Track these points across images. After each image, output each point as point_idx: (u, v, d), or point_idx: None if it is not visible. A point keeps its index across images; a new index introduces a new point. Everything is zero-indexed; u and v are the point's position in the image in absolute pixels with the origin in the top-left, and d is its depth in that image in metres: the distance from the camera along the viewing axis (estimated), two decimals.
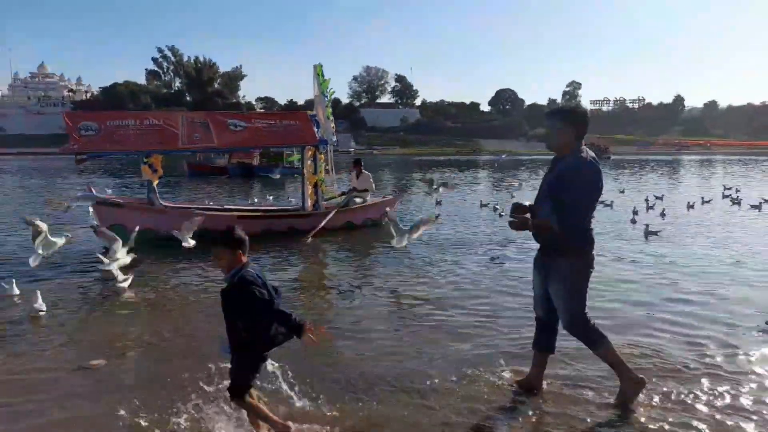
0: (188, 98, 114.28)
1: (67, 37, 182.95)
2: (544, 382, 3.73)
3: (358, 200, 10.78)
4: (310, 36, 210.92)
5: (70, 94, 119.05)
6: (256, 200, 15.07)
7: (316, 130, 10.39)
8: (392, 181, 27.40)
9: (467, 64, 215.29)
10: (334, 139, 10.77)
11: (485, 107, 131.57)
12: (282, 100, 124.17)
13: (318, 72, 10.50)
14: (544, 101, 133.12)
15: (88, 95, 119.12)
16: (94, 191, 9.56)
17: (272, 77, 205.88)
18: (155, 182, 9.58)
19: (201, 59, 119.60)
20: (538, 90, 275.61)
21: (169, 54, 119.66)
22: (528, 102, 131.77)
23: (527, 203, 3.56)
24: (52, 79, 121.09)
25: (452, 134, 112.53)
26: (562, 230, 3.26)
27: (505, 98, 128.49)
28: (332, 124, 10.61)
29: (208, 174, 29.33)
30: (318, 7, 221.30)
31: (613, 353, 3.50)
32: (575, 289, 3.39)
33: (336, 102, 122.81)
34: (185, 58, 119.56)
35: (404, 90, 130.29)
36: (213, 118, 9.80)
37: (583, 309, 3.44)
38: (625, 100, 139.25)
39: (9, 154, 78.83)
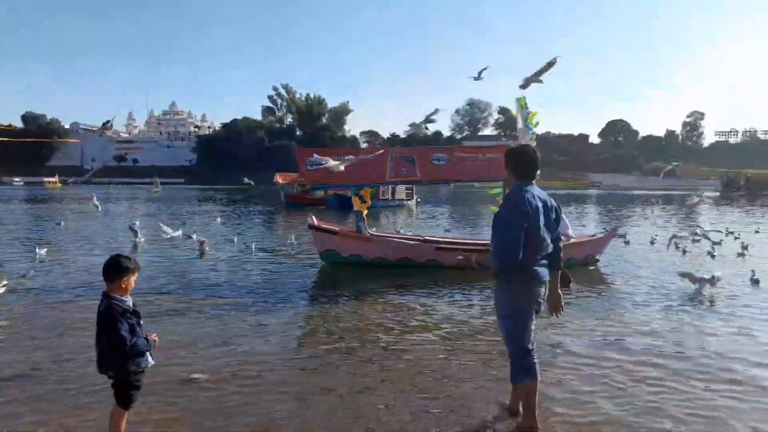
0: (298, 132, 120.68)
1: (196, 79, 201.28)
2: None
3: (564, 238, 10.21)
4: (408, 73, 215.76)
5: (196, 129, 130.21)
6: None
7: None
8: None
9: (575, 94, 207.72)
10: (538, 171, 10.34)
11: (595, 139, 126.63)
12: (385, 133, 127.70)
13: (522, 104, 10.20)
14: (661, 133, 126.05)
15: (211, 130, 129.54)
16: (314, 220, 9.93)
17: (376, 111, 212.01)
18: (364, 212, 9.80)
19: (312, 96, 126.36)
20: (655, 121, 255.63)
21: (283, 92, 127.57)
22: (643, 133, 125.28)
23: None
24: (182, 116, 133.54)
25: (559, 167, 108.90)
26: (492, 263, 3.45)
27: (617, 129, 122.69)
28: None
29: (305, 204, 30.89)
30: (417, 45, 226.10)
31: (532, 396, 3.54)
32: (509, 318, 3.51)
33: (437, 135, 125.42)
34: (297, 95, 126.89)
35: (507, 122, 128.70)
36: (419, 153, 9.91)
37: (520, 340, 3.48)
38: (756, 131, 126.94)
39: (141, 183, 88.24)
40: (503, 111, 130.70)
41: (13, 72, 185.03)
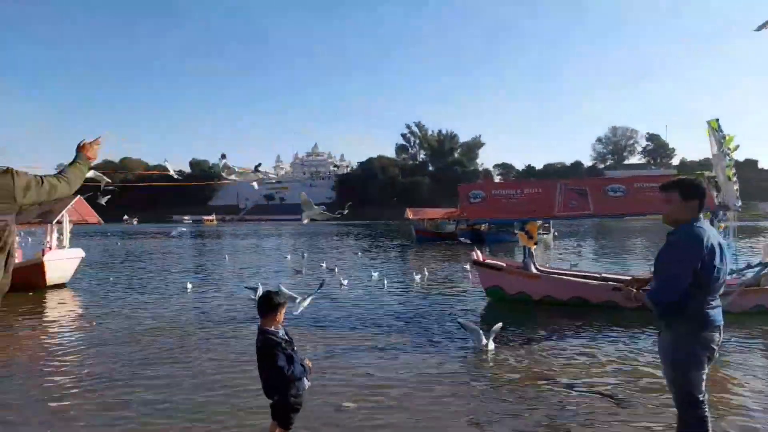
0: (430, 168, 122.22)
1: (335, 123, 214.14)
2: None
3: None
4: (546, 99, 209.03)
5: (335, 169, 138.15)
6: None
7: (714, 193, 8.76)
8: None
9: (741, 113, 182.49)
10: (738, 203, 8.94)
11: (765, 164, 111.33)
12: (519, 166, 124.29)
13: (714, 127, 8.94)
14: None
15: (348, 169, 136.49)
16: (480, 256, 9.55)
17: (509, 143, 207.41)
18: (532, 248, 9.21)
19: (443, 132, 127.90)
20: None
21: (415, 129, 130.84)
22: None
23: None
24: (322, 157, 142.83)
25: None
26: (651, 303, 3.15)
27: None
28: (735, 186, 8.81)
29: (436, 239, 31.01)
30: (555, 71, 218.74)
31: None
32: (676, 365, 3.13)
33: (577, 165, 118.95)
34: (429, 132, 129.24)
35: (657, 149, 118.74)
36: (592, 185, 9.16)
37: (688, 389, 3.10)
38: None
39: (287, 220, 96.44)
40: (652, 138, 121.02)
41: (183, 125, 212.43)
